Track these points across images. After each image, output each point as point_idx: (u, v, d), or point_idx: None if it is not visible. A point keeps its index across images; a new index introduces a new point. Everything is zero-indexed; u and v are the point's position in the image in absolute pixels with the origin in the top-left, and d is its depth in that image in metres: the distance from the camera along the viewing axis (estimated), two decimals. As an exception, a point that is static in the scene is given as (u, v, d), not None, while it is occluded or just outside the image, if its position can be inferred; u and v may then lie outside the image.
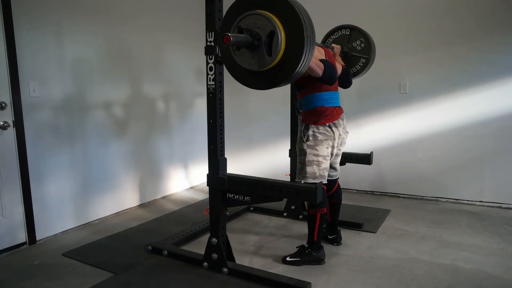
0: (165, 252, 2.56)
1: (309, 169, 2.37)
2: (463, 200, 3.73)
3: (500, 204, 3.57)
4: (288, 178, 3.32)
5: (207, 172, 2.28)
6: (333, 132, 2.41)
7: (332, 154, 2.48)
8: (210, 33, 2.13)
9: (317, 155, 2.37)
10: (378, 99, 3.97)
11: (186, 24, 4.21)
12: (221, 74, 2.19)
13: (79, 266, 2.48)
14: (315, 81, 2.31)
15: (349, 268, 2.42)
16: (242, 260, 2.50)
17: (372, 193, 4.15)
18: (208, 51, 2.16)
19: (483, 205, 3.63)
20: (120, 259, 2.56)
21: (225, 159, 2.29)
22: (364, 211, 3.51)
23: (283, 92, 3.39)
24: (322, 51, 2.45)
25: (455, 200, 3.76)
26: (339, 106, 2.50)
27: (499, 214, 3.37)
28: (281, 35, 1.74)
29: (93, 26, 3.20)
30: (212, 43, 2.13)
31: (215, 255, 2.31)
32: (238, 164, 4.69)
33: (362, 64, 2.91)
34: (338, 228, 2.83)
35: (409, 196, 3.97)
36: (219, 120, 2.22)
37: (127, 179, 3.65)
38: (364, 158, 3.02)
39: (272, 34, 1.75)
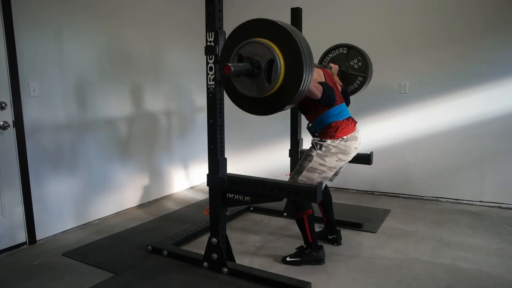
0: (165, 252, 2.56)
1: (308, 174, 2.35)
2: (463, 200, 3.73)
3: (500, 204, 3.57)
4: (288, 178, 3.32)
5: (207, 172, 2.28)
6: (349, 146, 2.38)
7: (339, 167, 2.46)
8: (210, 33, 2.13)
9: (322, 165, 2.35)
10: (378, 99, 3.97)
11: (186, 24, 4.21)
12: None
13: (79, 266, 2.48)
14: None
15: (349, 268, 2.42)
16: (242, 260, 2.50)
17: (372, 193, 4.15)
18: (208, 51, 2.16)
19: (483, 205, 3.63)
20: (120, 259, 2.56)
21: (225, 159, 2.29)
22: (364, 211, 3.51)
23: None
24: (321, 72, 2.46)
25: (455, 200, 3.76)
26: (351, 116, 2.49)
27: (499, 214, 3.37)
28: (280, 63, 1.78)
29: (93, 26, 3.20)
30: (212, 43, 2.13)
31: (215, 255, 2.31)
32: (238, 164, 4.69)
33: (359, 83, 2.98)
34: (338, 228, 2.83)
35: (409, 196, 3.97)
36: (219, 120, 2.22)
37: (127, 179, 3.65)
38: (364, 158, 3.02)
39: (272, 62, 1.79)
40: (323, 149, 2.35)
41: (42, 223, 2.90)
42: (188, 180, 4.51)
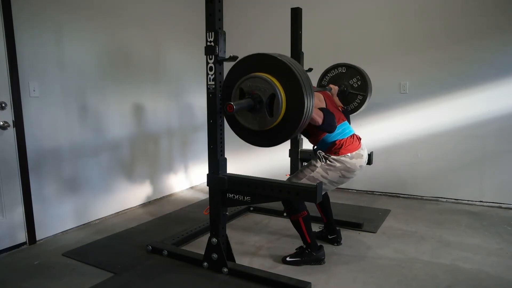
0: (165, 252, 2.56)
1: (307, 182, 2.34)
2: (463, 200, 3.73)
3: (500, 204, 3.57)
4: (288, 178, 3.32)
5: (207, 172, 2.28)
6: (353, 163, 2.37)
7: (341, 183, 2.45)
8: (210, 33, 2.13)
9: (324, 177, 2.35)
10: (378, 99, 3.96)
11: (186, 23, 4.21)
12: (221, 74, 2.19)
13: (79, 266, 2.48)
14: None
15: (349, 268, 2.42)
16: (242, 260, 2.50)
17: (372, 193, 4.15)
18: (208, 51, 2.16)
19: (483, 205, 3.63)
20: (120, 259, 2.56)
21: (225, 159, 2.29)
22: (364, 211, 3.51)
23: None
24: (322, 96, 2.47)
25: (455, 200, 3.76)
26: (354, 133, 2.49)
27: (499, 214, 3.37)
28: (282, 97, 1.82)
29: (93, 26, 3.20)
30: (212, 43, 2.13)
31: (215, 255, 2.31)
32: (238, 164, 4.69)
33: (359, 101, 2.99)
34: (338, 228, 2.83)
35: (409, 196, 3.97)
36: (219, 120, 2.22)
37: (127, 179, 3.65)
38: (364, 158, 3.01)
39: (273, 97, 1.83)
40: (328, 162, 2.36)
41: (42, 223, 2.90)
42: (188, 180, 4.51)
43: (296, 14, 3.15)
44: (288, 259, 2.48)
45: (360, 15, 3.98)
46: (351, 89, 2.99)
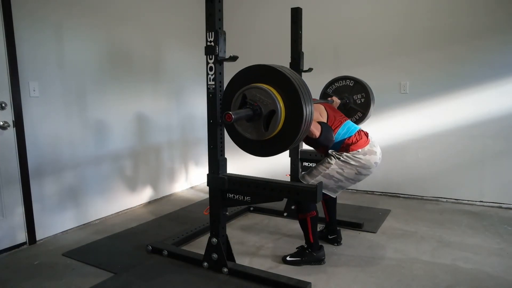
0: (165, 252, 2.56)
1: (323, 179, 2.35)
2: (463, 200, 3.72)
3: (500, 204, 3.57)
4: (288, 178, 3.32)
5: (207, 172, 2.28)
6: (368, 160, 2.37)
7: (357, 180, 2.44)
8: (210, 33, 2.13)
9: (340, 174, 2.36)
10: (378, 99, 3.93)
11: (186, 24, 4.21)
12: (221, 74, 2.19)
13: (79, 266, 2.48)
14: None
15: (349, 268, 2.42)
16: (242, 260, 2.50)
17: (372, 193, 4.15)
18: (208, 51, 2.16)
19: (483, 205, 3.63)
20: (120, 259, 2.56)
21: (225, 159, 2.29)
22: (364, 211, 3.51)
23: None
24: (323, 108, 2.48)
25: (455, 200, 3.76)
26: (360, 129, 2.49)
27: (499, 214, 3.37)
28: (281, 115, 1.86)
29: (93, 26, 3.20)
30: (212, 43, 2.13)
31: (215, 255, 2.31)
32: (238, 164, 4.69)
33: (357, 118, 3.02)
34: (338, 228, 2.83)
35: (409, 196, 3.97)
36: (219, 120, 2.22)
37: (127, 179, 3.65)
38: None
39: (273, 112, 1.86)
40: (342, 159, 2.36)
41: (42, 223, 2.90)
42: (188, 180, 4.51)
43: (296, 14, 3.15)
44: (288, 258, 2.48)
45: (360, 15, 3.98)
46: (353, 104, 3.01)
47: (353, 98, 3.00)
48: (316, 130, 2.25)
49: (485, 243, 2.75)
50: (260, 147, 2.01)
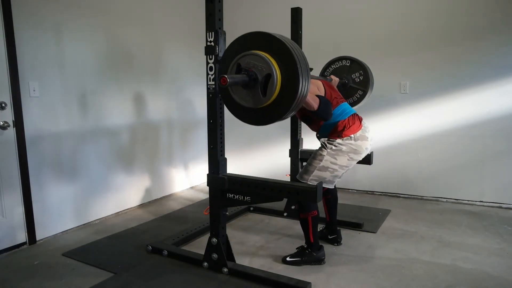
0: (165, 252, 2.56)
1: (319, 173, 2.35)
2: (463, 200, 3.72)
3: (500, 204, 3.57)
4: (288, 178, 3.32)
5: (207, 172, 2.28)
6: (359, 145, 2.37)
7: (350, 166, 2.44)
8: (210, 33, 2.13)
9: (334, 163, 2.35)
10: (378, 99, 3.97)
11: (186, 24, 4.21)
12: (221, 74, 2.19)
13: (79, 266, 2.48)
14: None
15: (349, 268, 2.42)
16: (242, 260, 2.50)
17: (372, 193, 4.15)
18: (208, 51, 2.16)
19: (483, 205, 3.63)
20: (120, 259, 2.56)
21: (225, 159, 2.29)
22: (364, 211, 3.51)
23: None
24: (320, 84, 2.45)
25: (455, 200, 3.76)
26: (355, 113, 2.47)
27: (499, 214, 3.37)
28: (277, 79, 1.80)
29: (93, 27, 3.20)
30: (212, 43, 2.13)
31: (215, 255, 2.31)
32: (238, 164, 4.69)
33: (359, 96, 2.98)
34: (338, 228, 2.83)
35: (409, 196, 3.97)
36: (219, 120, 2.22)
37: (127, 179, 3.65)
38: (364, 158, 2.97)
39: (269, 76, 1.81)
40: (334, 148, 2.35)
41: (42, 223, 2.90)
42: (188, 180, 4.51)
43: (296, 14, 3.15)
44: (288, 259, 2.48)
45: (360, 15, 3.98)
46: (353, 83, 2.97)
47: (352, 77, 2.97)
48: (314, 103, 2.22)
49: (485, 243, 2.75)
50: (258, 115, 1.95)
